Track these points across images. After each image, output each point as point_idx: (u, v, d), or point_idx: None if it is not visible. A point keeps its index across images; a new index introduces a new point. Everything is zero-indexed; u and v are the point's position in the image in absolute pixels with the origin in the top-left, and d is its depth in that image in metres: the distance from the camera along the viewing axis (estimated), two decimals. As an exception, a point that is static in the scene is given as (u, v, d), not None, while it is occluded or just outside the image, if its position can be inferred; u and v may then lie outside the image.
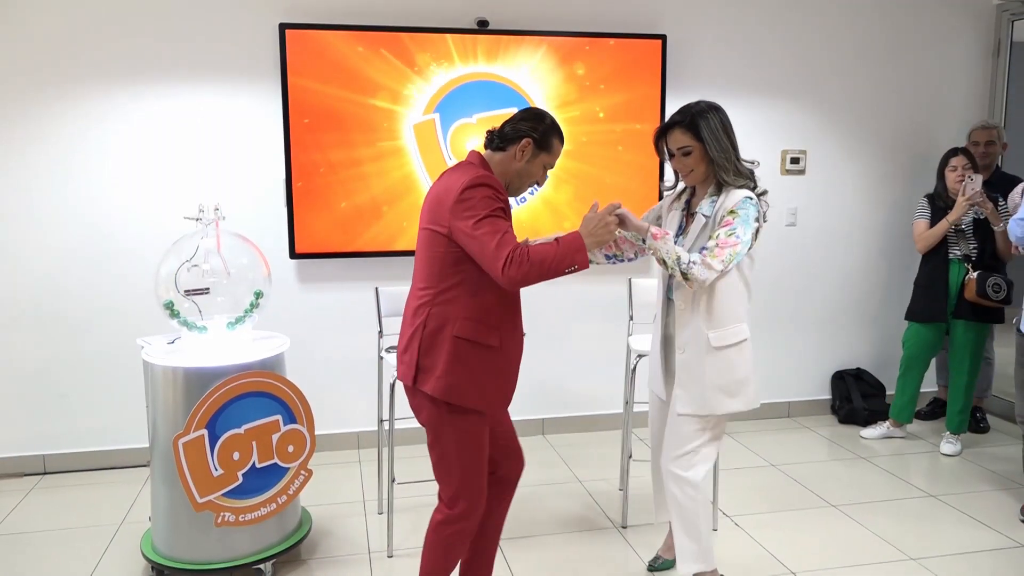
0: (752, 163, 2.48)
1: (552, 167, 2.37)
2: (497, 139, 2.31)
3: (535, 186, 2.40)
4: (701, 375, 2.46)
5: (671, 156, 2.47)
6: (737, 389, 2.48)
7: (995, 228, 3.90)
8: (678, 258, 2.31)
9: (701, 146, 2.39)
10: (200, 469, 2.64)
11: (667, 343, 2.61)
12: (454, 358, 2.21)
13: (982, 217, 3.95)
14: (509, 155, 2.29)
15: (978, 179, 3.86)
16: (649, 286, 3.30)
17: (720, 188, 2.42)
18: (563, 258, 2.12)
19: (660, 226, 2.58)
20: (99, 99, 3.67)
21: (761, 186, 2.46)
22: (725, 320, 2.45)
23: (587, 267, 2.17)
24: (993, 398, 4.62)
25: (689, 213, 2.53)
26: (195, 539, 2.75)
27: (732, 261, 2.33)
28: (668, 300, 2.59)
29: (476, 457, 2.29)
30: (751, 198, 2.36)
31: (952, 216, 3.95)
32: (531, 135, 2.27)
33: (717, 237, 2.33)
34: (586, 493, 3.62)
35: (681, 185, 2.59)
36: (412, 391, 2.30)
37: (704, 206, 2.44)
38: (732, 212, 2.34)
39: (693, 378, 2.48)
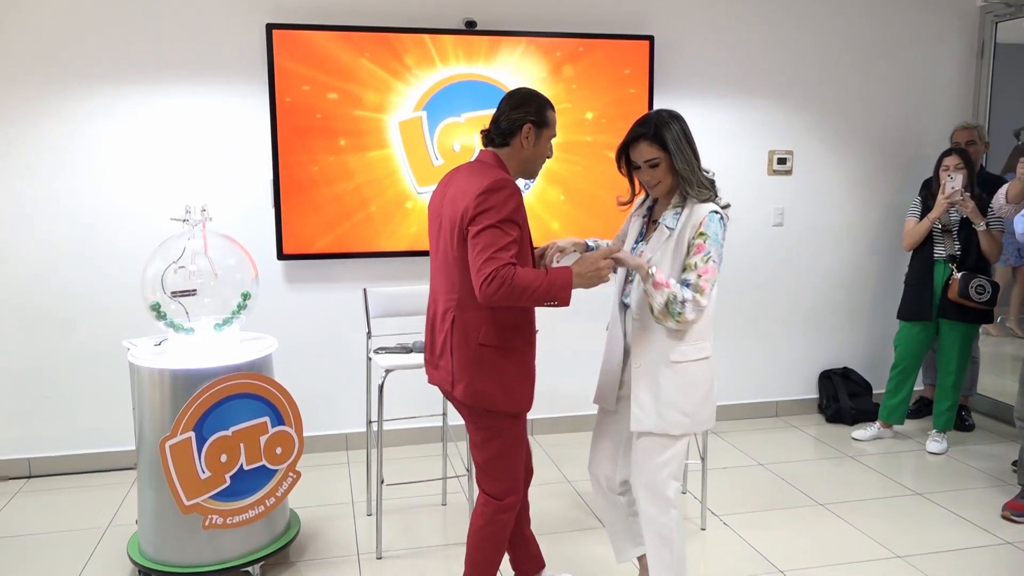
0: (709, 172, 2.39)
1: (555, 136, 2.37)
2: (497, 137, 2.30)
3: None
4: (657, 391, 2.32)
5: (636, 169, 2.38)
6: (694, 409, 2.35)
7: (976, 227, 3.93)
8: (672, 297, 2.21)
9: (667, 156, 2.30)
10: (187, 472, 2.63)
11: (624, 353, 2.48)
12: (482, 365, 2.23)
13: (966, 216, 3.97)
14: (516, 147, 2.29)
15: (958, 178, 3.89)
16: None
17: (684, 199, 2.34)
18: (547, 291, 2.12)
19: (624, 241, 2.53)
20: (86, 99, 3.65)
21: (724, 198, 2.38)
22: (688, 335, 2.33)
23: (568, 305, 2.16)
24: (978, 396, 4.66)
25: (651, 221, 2.46)
26: (182, 542, 2.73)
27: (714, 284, 2.29)
28: (623, 305, 2.44)
29: (521, 454, 2.38)
30: (716, 212, 2.30)
31: (932, 214, 3.98)
32: (529, 120, 2.27)
33: (695, 267, 2.26)
34: (575, 493, 3.62)
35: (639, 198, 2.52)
36: (452, 396, 2.34)
37: (667, 217, 2.35)
38: (702, 234, 2.27)
39: (650, 393, 2.34)
